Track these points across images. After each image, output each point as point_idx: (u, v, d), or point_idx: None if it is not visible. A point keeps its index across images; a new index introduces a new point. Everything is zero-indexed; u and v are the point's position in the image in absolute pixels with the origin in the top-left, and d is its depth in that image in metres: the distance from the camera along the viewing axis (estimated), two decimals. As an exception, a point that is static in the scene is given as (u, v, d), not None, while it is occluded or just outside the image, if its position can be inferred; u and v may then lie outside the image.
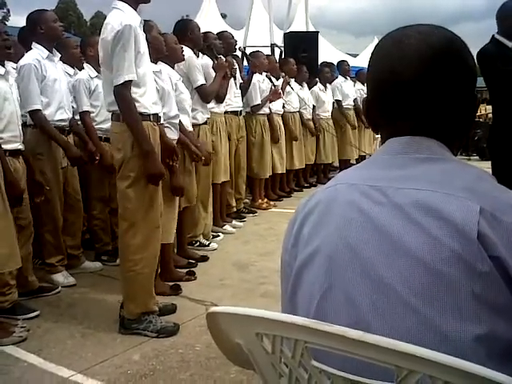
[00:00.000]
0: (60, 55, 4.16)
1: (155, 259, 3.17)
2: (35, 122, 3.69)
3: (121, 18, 2.88)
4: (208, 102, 4.70)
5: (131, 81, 2.89)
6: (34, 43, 3.80)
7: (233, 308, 0.89)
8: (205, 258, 4.52)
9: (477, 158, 10.23)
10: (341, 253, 0.92)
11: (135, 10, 3.01)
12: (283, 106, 6.88)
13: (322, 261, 0.94)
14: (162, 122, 3.33)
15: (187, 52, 4.35)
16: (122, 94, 2.89)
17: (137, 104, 2.94)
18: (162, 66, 3.83)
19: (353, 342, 0.75)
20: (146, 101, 3.01)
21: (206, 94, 4.62)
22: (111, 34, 2.84)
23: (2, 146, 3.17)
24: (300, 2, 12.86)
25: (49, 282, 3.87)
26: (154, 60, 3.57)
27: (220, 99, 5.02)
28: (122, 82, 2.85)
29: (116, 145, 3.06)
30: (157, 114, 3.15)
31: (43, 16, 3.82)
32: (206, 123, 4.72)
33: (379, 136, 1.08)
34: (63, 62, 4.30)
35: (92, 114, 4.30)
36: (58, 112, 3.84)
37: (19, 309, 3.31)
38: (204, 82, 4.61)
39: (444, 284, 0.82)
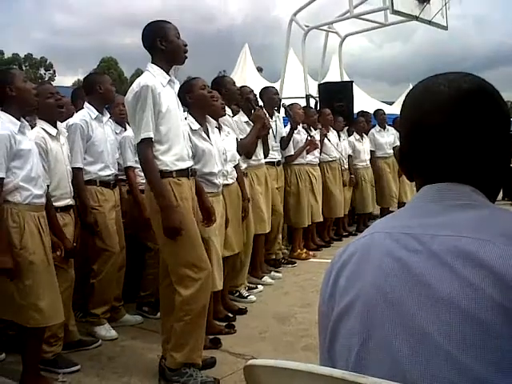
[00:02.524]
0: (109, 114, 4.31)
1: (206, 308, 3.16)
2: (73, 178, 3.75)
3: (141, 79, 3.04)
4: (241, 155, 4.64)
5: (151, 138, 2.99)
6: (86, 103, 4.00)
7: (270, 361, 0.88)
8: (243, 311, 4.48)
9: (521, 202, 9.94)
10: (378, 303, 0.90)
11: (167, 71, 3.13)
12: (320, 156, 6.88)
13: (359, 312, 0.93)
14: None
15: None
16: (140, 151, 3.05)
17: (158, 162, 3.02)
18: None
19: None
20: (168, 158, 3.06)
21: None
22: (131, 95, 3.01)
23: (54, 204, 3.32)
24: (334, 52, 13.11)
25: (90, 335, 3.89)
26: (198, 117, 3.66)
27: (249, 154, 4.92)
28: (138, 140, 3.00)
29: (146, 201, 3.21)
30: (186, 169, 3.17)
31: (103, 78, 4.14)
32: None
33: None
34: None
35: (137, 169, 4.34)
36: (103, 170, 3.97)
37: (61, 361, 3.34)
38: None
39: (484, 333, 0.80)
